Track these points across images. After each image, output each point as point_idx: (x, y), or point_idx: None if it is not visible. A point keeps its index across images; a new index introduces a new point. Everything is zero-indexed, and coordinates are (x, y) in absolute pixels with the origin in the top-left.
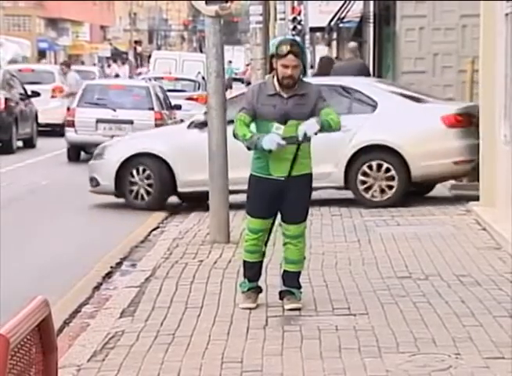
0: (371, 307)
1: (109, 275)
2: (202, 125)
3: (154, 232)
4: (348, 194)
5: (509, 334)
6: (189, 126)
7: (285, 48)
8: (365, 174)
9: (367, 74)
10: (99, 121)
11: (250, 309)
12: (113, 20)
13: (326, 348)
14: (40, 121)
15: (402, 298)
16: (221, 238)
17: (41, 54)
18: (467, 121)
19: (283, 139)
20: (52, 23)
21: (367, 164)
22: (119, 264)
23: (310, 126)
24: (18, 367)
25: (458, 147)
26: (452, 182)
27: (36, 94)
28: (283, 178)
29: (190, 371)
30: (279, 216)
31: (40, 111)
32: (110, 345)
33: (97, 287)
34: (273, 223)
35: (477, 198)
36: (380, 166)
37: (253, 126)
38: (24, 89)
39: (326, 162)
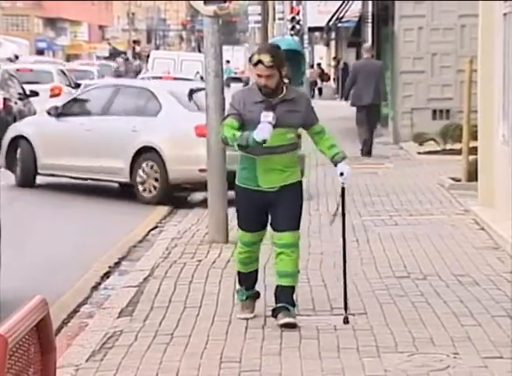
0: (370, 307)
1: (107, 275)
2: (55, 115)
3: (153, 231)
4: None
5: (507, 334)
6: (48, 114)
7: (255, 58)
8: (144, 172)
9: (382, 73)
10: None
11: (248, 319)
12: (111, 20)
13: (325, 348)
14: None
15: (400, 298)
16: (219, 238)
17: (40, 54)
18: None
19: (270, 148)
20: (51, 22)
21: (145, 163)
22: (117, 264)
23: (350, 173)
24: (16, 367)
25: (204, 155)
26: (451, 181)
27: (35, 93)
28: (273, 190)
29: (188, 371)
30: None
31: (38, 111)
32: (109, 344)
33: (95, 287)
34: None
35: (475, 198)
36: (152, 166)
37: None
38: (23, 89)
39: (118, 158)
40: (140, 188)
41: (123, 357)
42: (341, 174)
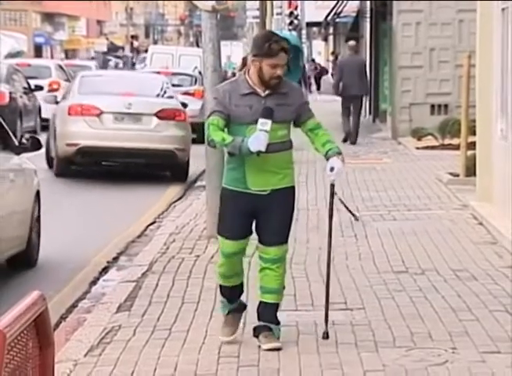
0: (368, 302)
1: (105, 270)
2: (54, 102)
3: (151, 227)
4: (344, 191)
5: (505, 329)
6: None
7: (277, 46)
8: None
9: (365, 69)
10: None
11: (229, 342)
12: (109, 15)
13: (323, 342)
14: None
15: (398, 293)
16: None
17: (38, 48)
18: (89, 111)
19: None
20: (49, 17)
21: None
22: (116, 259)
23: (341, 169)
24: (14, 362)
25: (72, 132)
26: (449, 176)
27: (39, 88)
28: (264, 193)
29: (187, 366)
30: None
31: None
32: (107, 339)
33: (94, 282)
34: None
35: (473, 193)
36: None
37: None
38: (28, 83)
39: (51, 135)
40: (52, 161)
41: (121, 352)
42: (331, 169)
